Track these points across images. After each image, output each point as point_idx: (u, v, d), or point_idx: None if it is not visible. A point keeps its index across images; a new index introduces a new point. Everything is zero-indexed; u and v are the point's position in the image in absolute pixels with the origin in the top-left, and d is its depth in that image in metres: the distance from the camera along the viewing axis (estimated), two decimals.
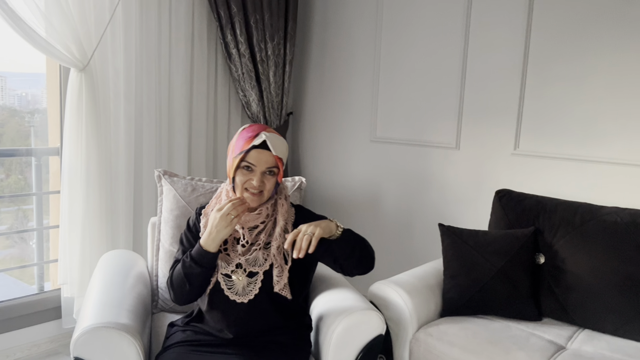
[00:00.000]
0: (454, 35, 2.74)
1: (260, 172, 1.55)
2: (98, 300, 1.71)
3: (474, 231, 2.20)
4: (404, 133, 3.00)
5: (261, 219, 1.61)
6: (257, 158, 1.54)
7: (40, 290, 2.77)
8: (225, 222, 1.52)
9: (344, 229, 1.62)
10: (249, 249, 1.61)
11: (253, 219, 1.60)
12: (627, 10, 2.22)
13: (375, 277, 3.09)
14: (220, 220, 1.52)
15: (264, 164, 1.55)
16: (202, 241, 1.57)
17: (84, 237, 2.51)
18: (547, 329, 2.00)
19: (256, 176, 1.55)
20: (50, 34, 2.30)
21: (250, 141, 1.54)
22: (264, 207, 1.62)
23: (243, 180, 1.57)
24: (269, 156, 1.55)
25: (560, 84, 2.42)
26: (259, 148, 1.54)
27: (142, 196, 2.83)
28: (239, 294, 1.59)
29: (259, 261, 1.60)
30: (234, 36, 2.98)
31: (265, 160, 1.55)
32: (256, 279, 1.60)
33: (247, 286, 1.59)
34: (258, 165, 1.55)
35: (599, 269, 1.99)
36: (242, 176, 1.57)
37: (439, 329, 1.98)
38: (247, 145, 1.54)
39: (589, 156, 2.37)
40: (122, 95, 2.68)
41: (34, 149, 2.74)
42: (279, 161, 1.57)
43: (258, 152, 1.54)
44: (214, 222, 1.54)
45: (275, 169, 1.58)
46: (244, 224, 1.60)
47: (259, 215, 1.61)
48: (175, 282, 1.63)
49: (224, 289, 1.60)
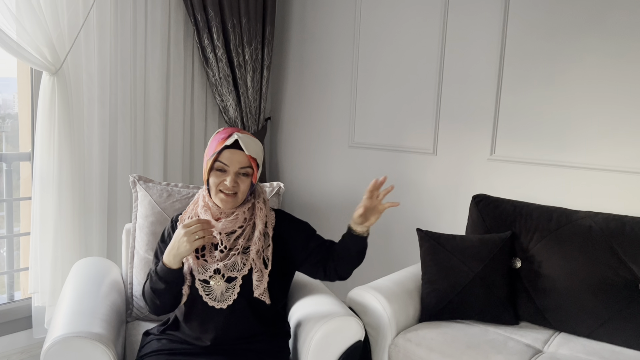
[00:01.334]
0: (431, 40, 2.77)
1: (234, 172, 1.53)
2: (70, 309, 1.66)
3: (451, 236, 2.21)
4: (382, 139, 3.01)
5: (238, 224, 1.59)
6: (230, 158, 1.52)
7: (10, 299, 2.69)
8: (189, 239, 1.48)
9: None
10: (227, 254, 1.58)
11: (230, 224, 1.57)
12: (603, 17, 2.27)
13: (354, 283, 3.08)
14: (183, 236, 1.48)
15: (237, 164, 1.53)
16: (164, 257, 1.54)
17: (55, 244, 2.44)
18: (524, 333, 2.02)
19: (229, 177, 1.53)
20: (21, 37, 2.25)
21: (223, 142, 1.53)
22: (240, 212, 1.59)
23: (216, 182, 1.54)
24: (242, 156, 1.53)
25: (536, 90, 2.46)
26: (231, 148, 1.53)
27: (116, 202, 2.78)
28: (217, 300, 1.56)
29: (238, 266, 1.57)
30: (211, 40, 2.96)
31: (238, 160, 1.53)
32: (235, 284, 1.57)
33: (226, 291, 1.57)
34: (231, 166, 1.53)
35: (574, 273, 2.02)
36: (215, 178, 1.54)
37: (417, 334, 1.98)
38: (219, 146, 1.52)
39: (563, 161, 2.40)
40: (96, 99, 2.63)
41: (4, 154, 2.67)
42: (253, 161, 1.55)
43: (231, 152, 1.53)
44: (177, 238, 1.50)
45: (249, 169, 1.55)
46: (222, 229, 1.57)
47: (235, 219, 1.58)
48: (147, 296, 1.62)
49: (202, 295, 1.57)
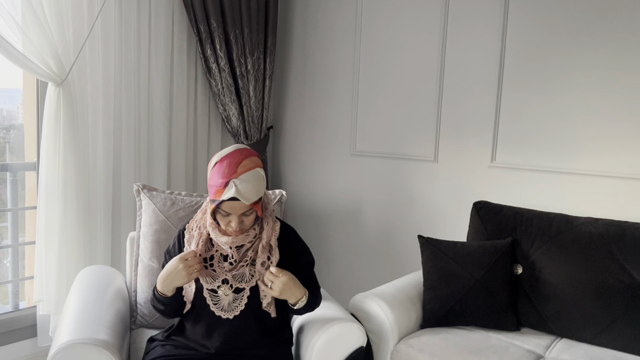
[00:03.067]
0: (431, 48, 2.80)
1: (237, 215, 1.53)
2: (75, 317, 1.68)
3: (452, 242, 2.22)
4: (383, 146, 3.03)
5: (249, 239, 1.60)
6: (231, 207, 1.51)
7: (15, 308, 2.71)
8: (186, 272, 1.54)
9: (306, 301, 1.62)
10: (236, 265, 1.61)
11: (241, 239, 1.59)
12: (600, 24, 2.30)
13: (356, 289, 3.10)
14: (181, 270, 1.54)
15: (239, 210, 1.52)
16: (158, 283, 1.60)
17: (60, 253, 2.47)
18: (525, 339, 2.03)
19: (234, 220, 1.53)
20: (27, 48, 2.29)
21: (222, 191, 1.48)
22: (250, 229, 1.60)
23: (223, 221, 1.56)
24: (242, 204, 1.51)
25: (535, 97, 2.48)
26: (230, 201, 1.50)
27: (120, 211, 2.80)
28: (224, 310, 1.59)
29: (246, 277, 1.60)
30: (213, 51, 2.99)
31: (240, 207, 1.51)
32: (242, 295, 1.59)
33: (233, 302, 1.59)
34: (233, 212, 1.52)
35: (575, 279, 2.03)
36: (221, 218, 1.55)
37: (419, 340, 1.99)
38: (218, 195, 1.49)
39: (564, 168, 2.42)
40: (101, 110, 2.66)
41: (9, 164, 2.70)
42: (254, 204, 1.53)
43: (230, 204, 1.51)
44: (172, 268, 1.55)
45: (253, 209, 1.55)
46: (232, 243, 1.58)
47: (247, 235, 1.59)
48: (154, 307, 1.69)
49: (209, 304, 1.59)
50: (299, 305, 1.60)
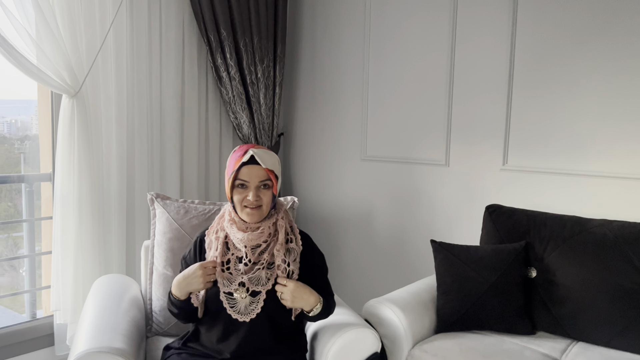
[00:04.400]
0: (440, 52, 2.80)
1: (254, 187, 1.58)
2: (92, 325, 1.70)
3: (465, 247, 2.22)
4: (394, 151, 3.03)
5: (263, 238, 1.63)
6: (249, 174, 1.58)
7: (33, 317, 2.75)
8: (202, 279, 1.60)
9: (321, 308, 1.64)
10: (251, 267, 1.62)
11: (256, 237, 1.62)
12: (613, 24, 2.28)
13: (369, 295, 3.10)
14: (199, 276, 1.59)
15: (256, 178, 1.58)
16: (173, 286, 1.65)
17: (76, 262, 2.50)
18: (541, 343, 2.01)
19: (251, 191, 1.58)
20: (41, 61, 2.33)
21: (240, 159, 1.58)
22: (265, 226, 1.63)
23: (240, 198, 1.60)
24: (260, 170, 1.58)
25: (547, 99, 2.47)
26: (248, 164, 1.58)
27: (134, 220, 2.83)
28: (240, 313, 1.60)
29: (262, 280, 1.61)
30: (224, 60, 3.02)
31: (257, 174, 1.58)
32: (259, 298, 1.61)
33: (250, 305, 1.60)
34: (251, 181, 1.58)
35: (590, 281, 2.01)
36: (238, 194, 1.60)
37: (434, 345, 1.98)
38: (237, 164, 1.58)
39: (576, 170, 2.40)
40: (114, 120, 2.70)
41: (25, 175, 2.74)
42: (271, 173, 1.60)
43: (248, 168, 1.58)
44: (190, 273, 1.60)
45: (268, 182, 1.61)
46: (247, 242, 1.61)
47: (261, 234, 1.62)
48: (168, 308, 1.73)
49: (226, 307, 1.61)
50: (314, 312, 1.62)
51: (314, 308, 1.61)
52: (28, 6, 2.26)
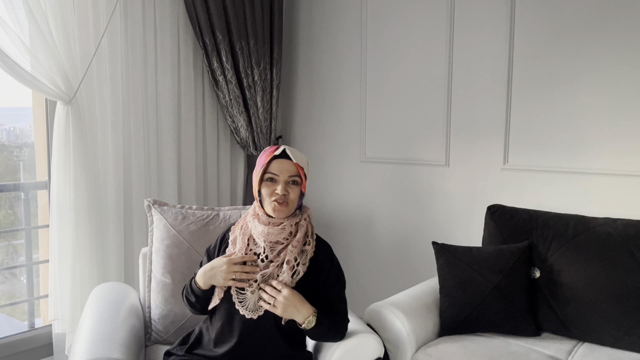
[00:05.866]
0: (438, 53, 2.77)
1: (284, 181, 1.59)
2: (89, 336, 1.68)
3: (467, 248, 2.19)
4: (393, 152, 3.01)
5: (284, 235, 1.62)
6: (279, 168, 1.59)
7: (31, 327, 2.72)
8: (225, 275, 1.58)
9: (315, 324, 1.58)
10: (267, 264, 1.61)
11: (276, 232, 1.61)
12: (609, 23, 2.26)
13: (371, 299, 3.06)
14: (223, 270, 1.58)
15: (286, 172, 1.59)
16: (198, 275, 1.65)
17: (74, 271, 2.47)
18: (546, 344, 1.99)
19: (280, 185, 1.59)
20: (35, 69, 2.30)
21: (271, 154, 1.60)
22: (287, 224, 1.62)
23: (268, 191, 1.60)
24: (290, 165, 1.60)
25: (546, 97, 2.45)
26: (279, 158, 1.60)
27: (132, 227, 2.81)
28: (249, 309, 1.58)
29: (273, 277, 1.60)
30: (220, 63, 3.00)
31: (287, 169, 1.59)
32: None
33: (258, 301, 1.58)
34: (281, 175, 1.59)
35: (595, 281, 1.98)
36: (266, 188, 1.61)
37: (438, 349, 1.95)
38: (268, 157, 1.60)
39: (578, 168, 2.38)
40: (110, 125, 2.67)
41: (22, 183, 2.72)
42: (301, 170, 1.61)
43: (279, 162, 1.60)
44: (217, 265, 1.60)
45: (297, 178, 1.61)
46: (266, 237, 1.61)
47: (282, 230, 1.61)
48: (186, 298, 1.74)
49: (235, 302, 1.59)
50: (306, 325, 1.57)
51: (306, 320, 1.57)
52: (21, 13, 2.23)
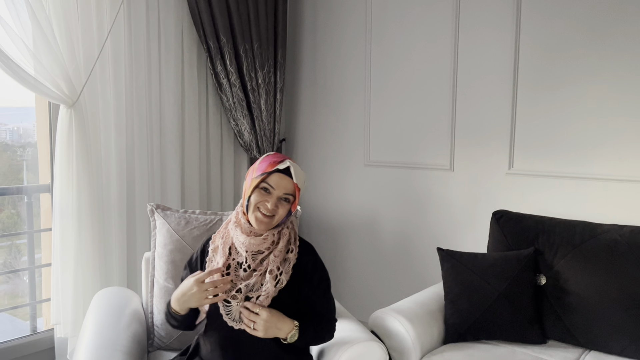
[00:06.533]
0: (443, 57, 2.76)
1: (277, 196, 1.55)
2: (92, 342, 1.67)
3: (473, 254, 2.17)
4: (397, 156, 2.99)
5: (266, 245, 1.58)
6: (278, 182, 1.55)
7: (33, 330, 2.71)
8: (198, 297, 1.52)
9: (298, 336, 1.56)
10: (250, 274, 1.58)
11: (258, 242, 1.57)
12: (621, 23, 2.24)
13: (375, 304, 3.04)
14: (195, 293, 1.52)
15: (283, 189, 1.55)
16: (172, 300, 1.59)
17: (76, 275, 2.45)
18: (553, 352, 1.97)
19: (272, 199, 1.55)
20: (39, 72, 2.29)
21: (275, 165, 1.55)
22: (269, 234, 1.59)
23: (258, 200, 1.56)
24: (289, 182, 1.56)
25: (552, 102, 2.43)
26: (281, 173, 1.55)
27: (135, 231, 2.79)
28: (235, 320, 1.56)
29: (256, 286, 1.57)
30: (223, 66, 2.98)
31: (285, 185, 1.55)
32: None
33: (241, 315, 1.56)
34: (277, 189, 1.55)
35: (602, 288, 1.96)
36: (258, 196, 1.56)
37: (442, 356, 1.93)
38: (270, 167, 1.55)
39: (585, 173, 2.36)
40: (113, 128, 2.66)
41: (25, 186, 2.71)
42: (297, 190, 1.58)
43: (280, 177, 1.55)
44: (187, 290, 1.53)
45: (291, 197, 1.58)
46: (248, 247, 1.57)
47: (264, 240, 1.58)
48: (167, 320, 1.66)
49: (222, 314, 1.56)
50: (289, 339, 1.55)
51: (289, 335, 1.54)
52: (24, 16, 2.22)
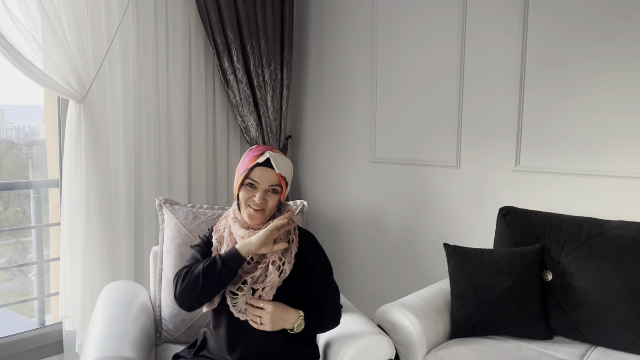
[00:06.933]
0: (450, 53, 2.76)
1: (263, 189, 1.56)
2: (101, 334, 1.68)
3: (479, 250, 2.18)
4: (403, 153, 2.99)
5: None
6: (261, 176, 1.56)
7: (41, 324, 2.73)
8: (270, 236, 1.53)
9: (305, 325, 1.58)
10: (254, 266, 1.60)
11: None
12: (629, 20, 2.24)
13: (380, 300, 3.06)
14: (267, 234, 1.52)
15: (267, 181, 1.56)
16: (238, 245, 1.55)
17: (85, 269, 2.48)
18: (559, 348, 1.97)
19: (259, 193, 1.56)
20: (48, 67, 2.31)
21: (255, 159, 1.56)
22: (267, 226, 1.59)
23: (246, 196, 1.58)
24: (272, 174, 1.56)
25: (559, 98, 2.43)
26: (262, 166, 1.56)
27: (142, 225, 2.81)
28: (241, 311, 1.57)
29: (261, 278, 1.58)
30: (231, 63, 3.00)
31: (269, 178, 1.56)
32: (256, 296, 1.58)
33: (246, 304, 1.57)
34: (261, 183, 1.56)
35: (608, 285, 1.96)
36: (245, 193, 1.58)
37: (449, 351, 1.94)
38: (251, 163, 1.56)
39: (592, 170, 2.36)
40: (121, 124, 2.68)
41: (33, 181, 2.73)
42: (282, 180, 1.58)
43: (262, 170, 1.56)
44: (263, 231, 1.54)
45: (278, 187, 1.58)
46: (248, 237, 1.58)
47: None
48: (189, 279, 1.53)
49: (229, 304, 1.58)
50: (296, 329, 1.56)
51: (295, 325, 1.56)
52: (34, 11, 2.24)
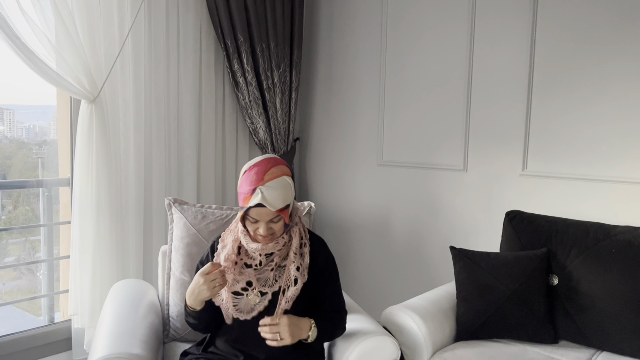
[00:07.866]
0: (458, 57, 2.77)
1: (265, 222, 1.55)
2: (110, 331, 1.70)
3: (485, 253, 2.18)
4: (411, 156, 3.01)
5: (278, 247, 1.62)
6: (258, 213, 1.53)
7: (51, 321, 2.76)
8: (207, 287, 1.54)
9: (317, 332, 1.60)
10: (261, 270, 1.62)
11: (271, 247, 1.60)
12: (633, 28, 2.24)
13: (388, 302, 3.06)
14: (203, 284, 1.53)
15: (265, 217, 1.54)
16: (187, 298, 1.60)
17: (94, 267, 2.50)
18: (564, 352, 1.97)
19: (262, 226, 1.55)
20: (61, 67, 2.34)
21: (249, 198, 1.52)
22: (280, 238, 1.62)
23: (251, 228, 1.58)
24: (269, 211, 1.53)
25: (567, 103, 2.43)
26: (256, 207, 1.53)
27: (152, 225, 2.84)
28: (241, 311, 1.59)
29: (270, 281, 1.60)
30: (240, 65, 3.02)
31: (266, 213, 1.53)
32: (264, 299, 1.60)
33: (257, 304, 1.59)
34: (261, 218, 1.55)
35: (615, 290, 1.96)
36: (250, 225, 1.58)
37: (454, 353, 1.95)
38: (246, 202, 1.53)
39: (599, 175, 2.36)
40: (132, 125, 2.71)
41: (44, 180, 2.76)
42: (281, 211, 1.54)
43: (257, 210, 1.53)
44: (197, 284, 1.55)
45: (280, 215, 1.56)
46: (262, 251, 1.60)
47: (276, 244, 1.61)
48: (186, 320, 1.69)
49: (229, 305, 1.60)
50: (311, 336, 1.58)
51: (310, 333, 1.58)
52: (48, 12, 2.28)
